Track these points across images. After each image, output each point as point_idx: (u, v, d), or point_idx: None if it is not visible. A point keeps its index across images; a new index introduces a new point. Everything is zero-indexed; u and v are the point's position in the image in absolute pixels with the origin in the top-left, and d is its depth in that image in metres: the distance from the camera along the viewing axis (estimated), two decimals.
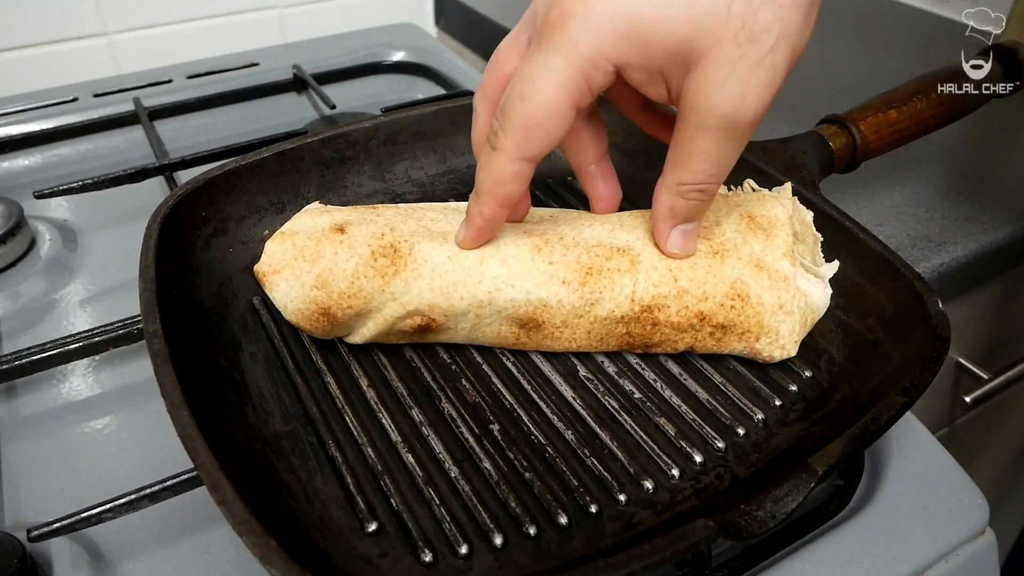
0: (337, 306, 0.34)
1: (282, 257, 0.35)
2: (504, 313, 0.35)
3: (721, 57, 0.28)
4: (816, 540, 0.33)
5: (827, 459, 0.28)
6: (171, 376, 0.29)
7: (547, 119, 0.30)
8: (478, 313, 0.35)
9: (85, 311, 0.46)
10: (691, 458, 0.33)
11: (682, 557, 0.28)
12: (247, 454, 0.31)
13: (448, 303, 0.35)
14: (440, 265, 0.34)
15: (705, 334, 0.36)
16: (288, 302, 0.35)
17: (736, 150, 0.31)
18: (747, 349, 0.36)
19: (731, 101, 0.28)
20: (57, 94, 0.68)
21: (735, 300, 0.35)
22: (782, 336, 0.36)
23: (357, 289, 0.34)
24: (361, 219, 0.36)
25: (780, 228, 0.37)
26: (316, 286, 0.34)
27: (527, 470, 0.32)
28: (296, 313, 0.35)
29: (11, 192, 0.56)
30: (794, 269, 0.36)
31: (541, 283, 0.35)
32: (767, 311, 0.35)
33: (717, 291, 0.35)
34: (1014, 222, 0.53)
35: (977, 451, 0.86)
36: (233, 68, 0.74)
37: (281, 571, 0.23)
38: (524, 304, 0.35)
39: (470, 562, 0.29)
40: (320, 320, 0.35)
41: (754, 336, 0.36)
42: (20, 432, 0.38)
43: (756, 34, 0.27)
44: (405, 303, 0.35)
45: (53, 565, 0.32)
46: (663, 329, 0.35)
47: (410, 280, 0.34)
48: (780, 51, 0.28)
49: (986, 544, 0.35)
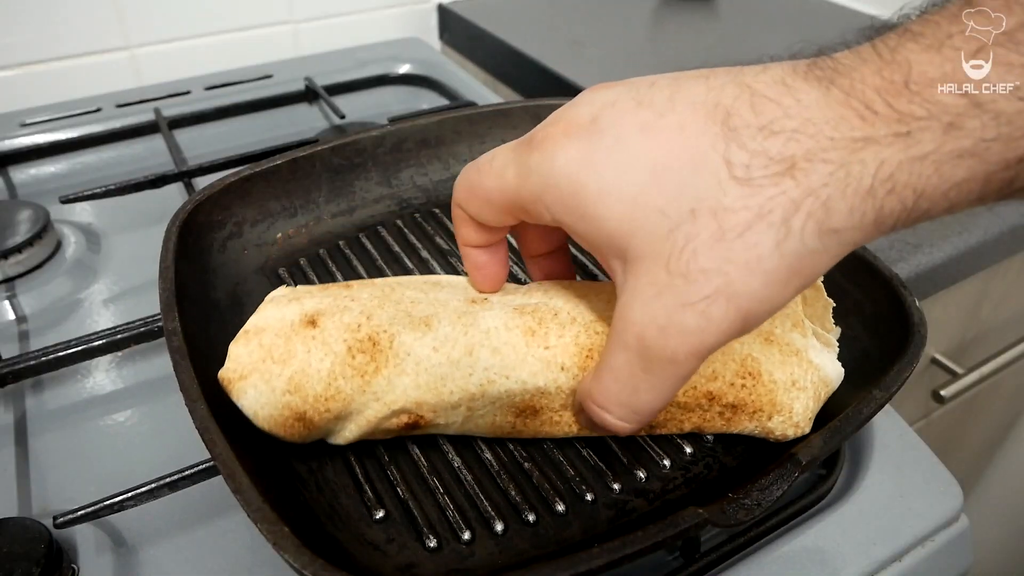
0: (314, 410, 0.29)
1: (248, 360, 0.30)
2: (499, 403, 0.30)
3: (650, 276, 0.23)
4: (800, 526, 0.33)
5: (811, 450, 0.28)
6: (189, 371, 0.29)
7: (482, 202, 0.28)
8: (470, 407, 0.30)
9: (108, 310, 0.46)
10: (681, 449, 0.33)
11: (673, 543, 0.28)
12: (261, 445, 0.31)
13: (437, 399, 0.30)
14: (425, 359, 0.29)
15: (714, 414, 0.31)
16: (258, 409, 0.29)
17: (653, 389, 0.24)
18: (759, 428, 0.32)
19: (649, 325, 0.23)
20: (82, 105, 0.68)
21: (745, 379, 0.31)
22: (796, 414, 0.31)
23: (335, 391, 0.29)
24: (334, 306, 0.31)
25: None
26: (288, 390, 0.29)
27: (526, 460, 0.32)
28: (268, 420, 0.29)
29: (38, 197, 0.56)
30: (806, 341, 0.32)
31: (538, 372, 0.29)
32: (780, 388, 0.31)
33: (727, 369, 0.31)
34: (986, 226, 0.53)
35: (952, 441, 0.86)
36: (248, 80, 0.74)
37: (293, 556, 0.23)
38: (520, 394, 0.30)
39: (472, 547, 0.29)
40: (296, 426, 0.30)
41: (766, 415, 0.31)
42: (47, 425, 0.38)
43: (691, 274, 0.22)
44: (389, 403, 0.30)
45: (78, 550, 0.32)
46: (669, 409, 0.31)
47: (393, 377, 0.30)
48: (718, 306, 0.22)
49: (960, 530, 0.35)
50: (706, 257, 0.22)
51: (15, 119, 0.65)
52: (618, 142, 0.23)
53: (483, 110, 0.49)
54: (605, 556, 0.24)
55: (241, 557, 0.32)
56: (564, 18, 0.84)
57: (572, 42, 0.75)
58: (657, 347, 0.23)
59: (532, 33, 0.79)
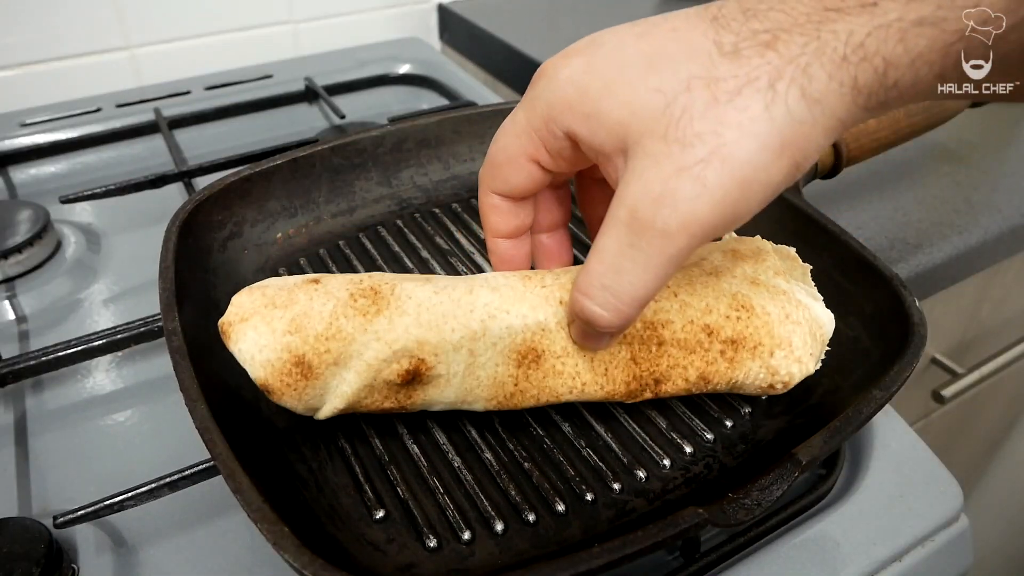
0: (313, 351, 0.29)
1: (250, 306, 0.30)
2: (501, 347, 0.30)
3: (648, 149, 0.24)
4: (800, 527, 0.33)
5: (811, 450, 0.28)
6: (189, 371, 0.29)
7: (505, 163, 0.30)
8: (471, 349, 0.30)
9: (108, 310, 0.46)
10: (681, 449, 0.33)
11: (673, 543, 0.28)
12: (261, 445, 0.31)
13: (439, 337, 0.30)
14: (427, 299, 0.30)
15: (716, 353, 0.32)
16: (256, 352, 0.29)
17: (638, 267, 0.25)
18: (764, 369, 0.32)
19: (643, 197, 0.24)
20: (82, 104, 0.68)
21: (740, 311, 0.32)
22: (796, 347, 0.32)
23: (336, 331, 0.29)
24: (335, 275, 0.32)
25: (766, 254, 0.35)
26: (289, 331, 0.29)
27: (526, 460, 0.32)
28: (265, 366, 0.29)
29: (38, 197, 0.56)
30: (790, 286, 0.33)
31: (537, 305, 0.31)
32: (775, 321, 0.32)
33: (720, 303, 0.32)
34: (986, 226, 0.53)
35: (952, 441, 0.86)
36: (248, 80, 0.74)
37: (293, 556, 0.23)
38: (522, 331, 0.30)
39: (472, 547, 0.29)
40: (293, 373, 0.29)
41: (767, 350, 0.32)
42: (47, 424, 0.38)
43: (687, 139, 0.23)
44: (390, 342, 0.29)
45: (78, 550, 0.32)
46: (670, 350, 0.31)
47: (395, 317, 0.30)
48: (712, 168, 0.23)
49: (960, 530, 0.35)
50: (701, 121, 0.23)
51: (15, 119, 0.65)
52: (617, 48, 0.26)
53: (483, 110, 0.49)
54: (605, 556, 0.24)
55: (241, 557, 0.32)
56: (564, 18, 0.84)
57: (572, 42, 0.75)
58: (647, 218, 0.24)
59: (532, 33, 0.79)
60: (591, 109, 0.26)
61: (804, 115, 0.23)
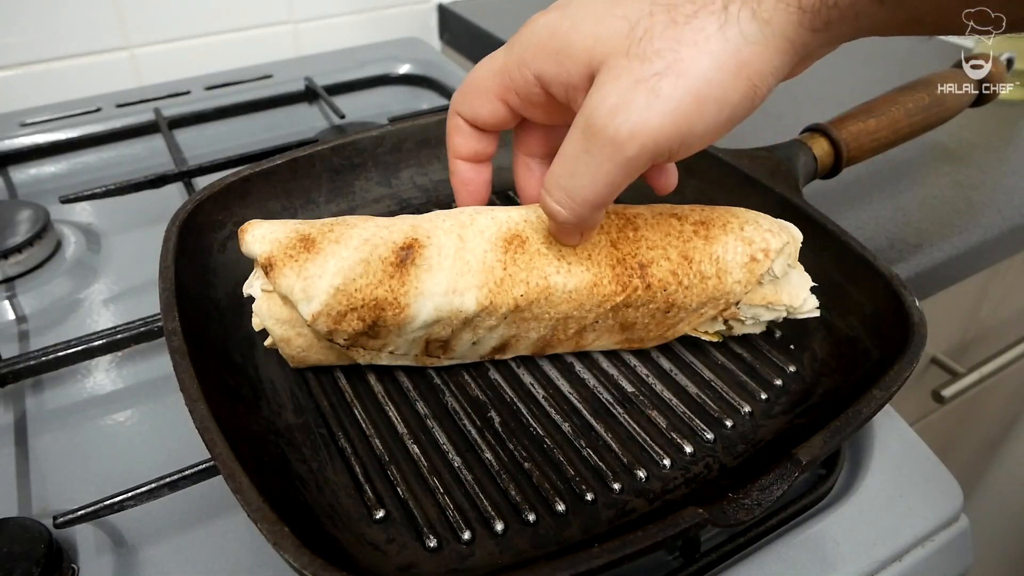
0: (319, 232, 0.32)
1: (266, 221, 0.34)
2: (488, 234, 0.33)
3: (610, 66, 0.26)
4: (800, 526, 0.33)
5: (811, 450, 0.28)
6: (189, 371, 0.29)
7: (476, 94, 0.32)
8: (461, 235, 0.33)
9: (108, 310, 0.46)
10: (682, 449, 0.33)
11: (673, 543, 0.28)
12: (261, 445, 0.31)
13: (431, 224, 0.33)
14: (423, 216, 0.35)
15: (689, 232, 0.34)
16: (267, 233, 0.32)
17: (589, 171, 0.27)
18: (740, 241, 0.34)
19: (600, 106, 0.26)
20: (82, 104, 0.68)
21: (703, 205, 0.36)
22: (763, 222, 0.35)
23: (341, 220, 0.33)
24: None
25: None
26: (299, 225, 0.33)
27: (526, 460, 0.32)
28: (273, 242, 0.32)
29: (38, 197, 0.56)
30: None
31: (519, 210, 0.35)
32: (738, 210, 0.35)
33: (682, 205, 0.36)
34: (986, 226, 0.53)
35: (952, 441, 0.86)
36: (248, 80, 0.74)
37: (293, 556, 0.23)
38: (507, 222, 0.33)
39: (472, 547, 0.29)
40: (296, 247, 0.32)
41: (736, 225, 0.34)
42: (46, 424, 0.38)
43: (646, 55, 0.25)
44: (387, 225, 0.33)
45: (78, 550, 0.32)
46: (645, 234, 0.34)
47: (395, 222, 0.34)
48: (667, 80, 0.25)
49: (960, 530, 0.35)
50: (660, 39, 0.25)
51: (15, 119, 0.65)
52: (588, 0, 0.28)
53: None
54: (605, 556, 0.24)
55: (241, 557, 0.32)
56: None
57: None
58: (601, 125, 0.26)
59: None
60: (560, 45, 0.28)
61: (756, 35, 0.24)
